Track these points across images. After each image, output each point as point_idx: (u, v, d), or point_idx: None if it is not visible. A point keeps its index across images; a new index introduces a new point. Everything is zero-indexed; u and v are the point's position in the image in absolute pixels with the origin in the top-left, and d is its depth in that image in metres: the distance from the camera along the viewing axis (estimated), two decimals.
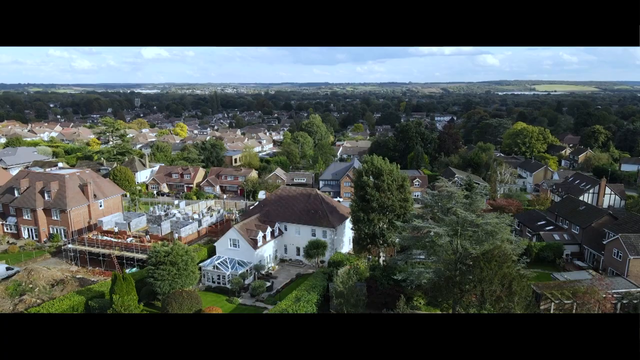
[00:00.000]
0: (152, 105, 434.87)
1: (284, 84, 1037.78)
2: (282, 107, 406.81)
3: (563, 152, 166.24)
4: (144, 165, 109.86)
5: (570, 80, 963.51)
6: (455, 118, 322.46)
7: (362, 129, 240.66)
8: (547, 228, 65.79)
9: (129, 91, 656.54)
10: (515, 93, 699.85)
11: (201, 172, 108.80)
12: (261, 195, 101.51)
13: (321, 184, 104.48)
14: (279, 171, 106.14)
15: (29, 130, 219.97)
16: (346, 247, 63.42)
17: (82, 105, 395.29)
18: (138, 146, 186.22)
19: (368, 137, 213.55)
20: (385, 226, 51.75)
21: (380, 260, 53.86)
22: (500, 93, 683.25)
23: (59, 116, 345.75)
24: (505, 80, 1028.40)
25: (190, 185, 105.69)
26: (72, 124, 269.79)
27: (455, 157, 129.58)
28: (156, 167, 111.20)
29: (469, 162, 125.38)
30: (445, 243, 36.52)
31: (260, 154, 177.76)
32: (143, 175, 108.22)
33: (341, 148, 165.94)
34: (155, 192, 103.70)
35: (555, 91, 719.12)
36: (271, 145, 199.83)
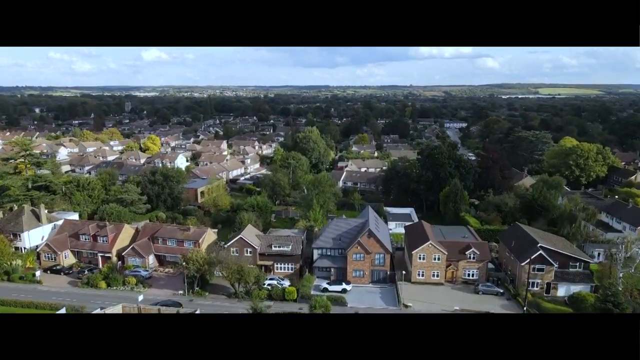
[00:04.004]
0: (142, 109, 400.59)
1: (284, 86, 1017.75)
2: (279, 111, 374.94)
3: (633, 178, 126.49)
4: (39, 219, 69.92)
5: (572, 84, 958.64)
6: (467, 125, 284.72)
7: (367, 141, 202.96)
8: None
9: (125, 94, 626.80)
10: (519, 96, 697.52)
11: (127, 232, 68.62)
12: (218, 275, 61.99)
13: (315, 254, 64.25)
14: (248, 231, 66.15)
15: None
16: None
17: (67, 109, 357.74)
18: (87, 168, 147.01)
19: (376, 153, 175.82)
20: None
21: None
22: (504, 96, 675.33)
23: (35, 122, 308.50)
24: (507, 83, 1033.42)
25: (108, 255, 65.98)
26: (37, 133, 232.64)
27: (508, 196, 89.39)
28: (61, 221, 71.44)
29: (530, 205, 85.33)
30: None
31: (242, 178, 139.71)
32: (37, 236, 68.40)
33: (345, 173, 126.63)
34: (38, 273, 63.33)
35: (559, 94, 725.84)
36: (257, 165, 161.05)
